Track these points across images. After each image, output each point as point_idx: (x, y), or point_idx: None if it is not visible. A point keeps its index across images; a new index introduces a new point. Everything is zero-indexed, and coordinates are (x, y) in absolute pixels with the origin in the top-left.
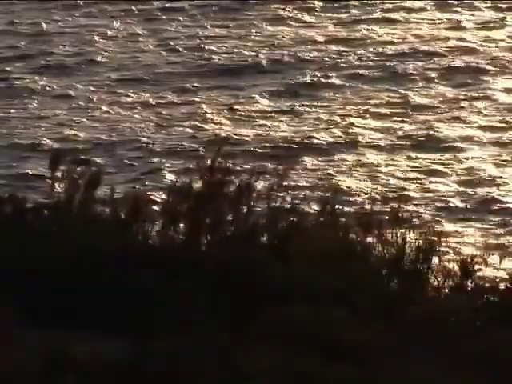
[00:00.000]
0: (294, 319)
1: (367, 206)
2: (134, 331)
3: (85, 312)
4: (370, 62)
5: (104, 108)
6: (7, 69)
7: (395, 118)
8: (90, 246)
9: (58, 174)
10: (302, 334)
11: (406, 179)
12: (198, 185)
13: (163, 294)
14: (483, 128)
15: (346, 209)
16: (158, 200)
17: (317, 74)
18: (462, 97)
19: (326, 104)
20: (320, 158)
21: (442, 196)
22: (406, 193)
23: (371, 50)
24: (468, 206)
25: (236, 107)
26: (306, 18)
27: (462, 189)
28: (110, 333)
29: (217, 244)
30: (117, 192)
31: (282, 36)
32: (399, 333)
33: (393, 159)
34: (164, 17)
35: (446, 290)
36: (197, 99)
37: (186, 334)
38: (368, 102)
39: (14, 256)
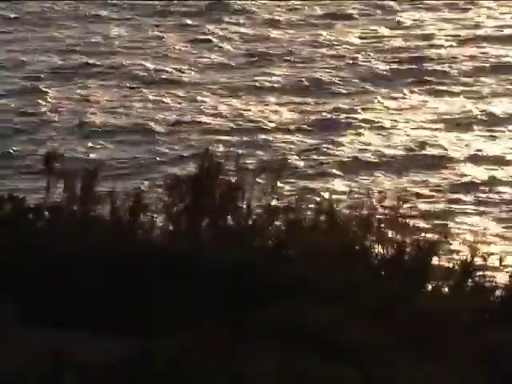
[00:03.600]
0: (293, 319)
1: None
2: (134, 331)
3: (85, 312)
4: None
5: None
6: None
7: None
8: (90, 246)
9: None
10: (301, 334)
11: None
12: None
13: (163, 294)
14: None
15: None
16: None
17: None
18: None
19: None
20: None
21: None
22: None
23: None
24: None
25: None
26: None
27: None
28: (109, 333)
29: (216, 244)
30: (117, 191)
31: None
32: (399, 333)
33: None
34: None
35: (446, 290)
36: None
37: (186, 334)
38: None
39: (13, 256)
